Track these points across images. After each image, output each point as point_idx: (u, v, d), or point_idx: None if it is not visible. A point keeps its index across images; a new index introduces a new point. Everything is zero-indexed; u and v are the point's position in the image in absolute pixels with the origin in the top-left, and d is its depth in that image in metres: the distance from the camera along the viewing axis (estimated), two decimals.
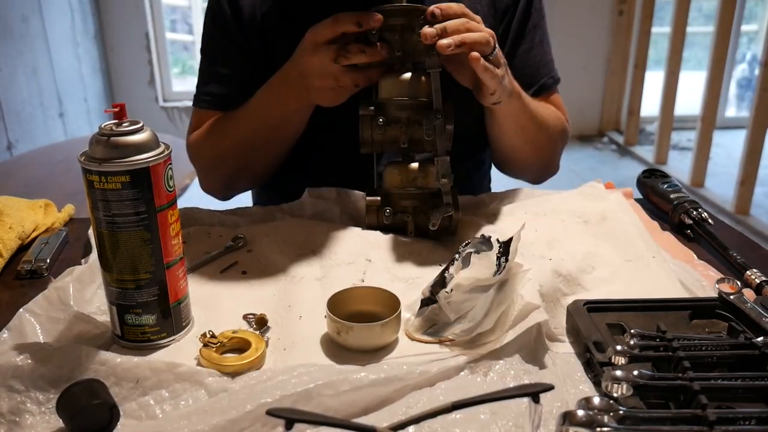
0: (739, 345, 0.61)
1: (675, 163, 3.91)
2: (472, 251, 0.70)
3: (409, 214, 0.88)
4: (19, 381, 0.58)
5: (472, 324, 0.67)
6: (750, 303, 0.67)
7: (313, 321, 0.70)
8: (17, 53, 2.88)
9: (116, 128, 0.61)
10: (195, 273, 0.81)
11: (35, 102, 3.03)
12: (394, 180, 0.87)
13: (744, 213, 3.15)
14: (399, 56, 0.84)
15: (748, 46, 5.05)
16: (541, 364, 0.63)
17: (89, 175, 0.61)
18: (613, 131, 4.51)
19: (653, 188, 1.01)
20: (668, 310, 0.69)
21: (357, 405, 0.56)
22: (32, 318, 0.66)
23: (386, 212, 0.86)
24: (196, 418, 0.52)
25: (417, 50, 0.82)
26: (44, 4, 3.17)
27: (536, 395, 0.49)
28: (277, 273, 0.81)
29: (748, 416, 0.51)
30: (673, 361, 0.58)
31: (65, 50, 3.41)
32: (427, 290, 0.70)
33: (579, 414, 0.48)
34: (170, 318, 0.67)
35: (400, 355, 0.65)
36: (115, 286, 0.64)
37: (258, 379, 0.57)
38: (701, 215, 0.92)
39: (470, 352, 0.64)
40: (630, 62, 4.24)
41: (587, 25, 4.28)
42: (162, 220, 0.63)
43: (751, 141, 3.03)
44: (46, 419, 0.56)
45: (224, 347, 0.64)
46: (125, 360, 0.59)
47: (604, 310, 0.68)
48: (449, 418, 0.54)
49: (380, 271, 0.80)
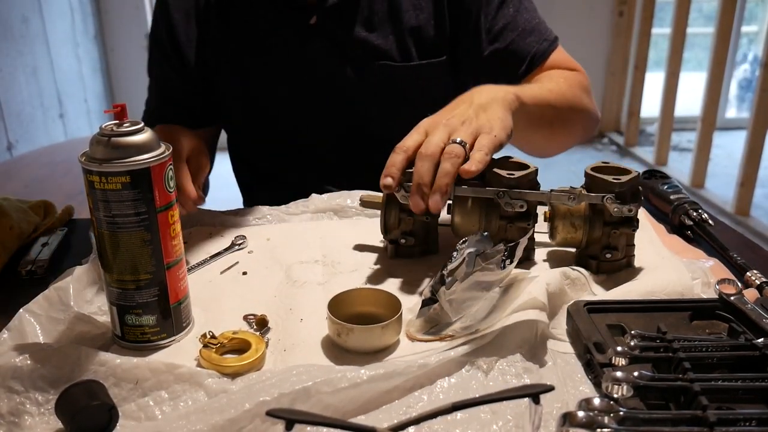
0: (739, 346, 0.61)
1: (675, 164, 3.91)
2: (471, 250, 0.70)
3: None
4: (19, 382, 0.58)
5: (473, 322, 0.67)
6: (750, 304, 0.67)
7: (314, 323, 0.70)
8: (17, 54, 2.88)
9: (117, 129, 0.61)
10: (195, 273, 0.81)
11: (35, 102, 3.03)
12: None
13: (744, 214, 3.15)
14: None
15: (749, 47, 5.05)
16: (541, 363, 0.63)
17: (90, 176, 0.61)
18: (614, 132, 4.51)
19: (653, 189, 1.01)
20: (668, 311, 0.69)
21: (356, 402, 0.56)
22: (32, 318, 0.66)
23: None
24: (195, 418, 0.52)
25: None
26: (44, 5, 3.17)
27: (536, 396, 0.49)
28: (279, 275, 0.81)
29: (748, 417, 0.51)
30: (673, 362, 0.58)
31: (65, 51, 3.41)
32: (428, 290, 0.70)
33: (579, 415, 0.48)
34: (170, 318, 0.67)
35: (400, 356, 0.65)
36: (115, 287, 0.64)
37: (258, 380, 0.57)
38: (701, 216, 0.92)
39: (470, 339, 0.64)
40: (630, 63, 4.25)
41: (587, 25, 4.28)
42: (162, 220, 0.63)
43: (751, 142, 3.03)
44: (45, 420, 0.56)
45: (224, 348, 0.64)
46: (125, 361, 0.59)
47: (604, 311, 0.68)
48: (449, 418, 0.54)
49: (382, 276, 0.80)
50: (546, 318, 0.65)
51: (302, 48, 1.01)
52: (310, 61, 1.02)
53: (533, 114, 0.89)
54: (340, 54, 1.01)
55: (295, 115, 0.95)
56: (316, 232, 0.92)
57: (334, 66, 1.02)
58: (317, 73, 1.02)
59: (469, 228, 0.82)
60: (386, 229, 0.84)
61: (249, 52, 1.03)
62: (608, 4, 4.26)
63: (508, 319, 0.64)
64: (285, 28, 1.01)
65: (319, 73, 1.02)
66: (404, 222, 0.82)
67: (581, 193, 0.77)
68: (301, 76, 1.03)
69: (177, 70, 1.06)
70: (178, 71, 1.06)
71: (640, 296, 0.72)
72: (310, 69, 1.02)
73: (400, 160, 0.75)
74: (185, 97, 1.07)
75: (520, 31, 1.02)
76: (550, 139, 1.00)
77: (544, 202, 0.78)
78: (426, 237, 0.85)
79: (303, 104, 0.96)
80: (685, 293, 0.73)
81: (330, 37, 1.01)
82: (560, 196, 0.77)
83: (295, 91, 1.04)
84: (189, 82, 1.06)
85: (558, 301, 0.71)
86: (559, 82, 0.98)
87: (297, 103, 1.04)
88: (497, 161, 0.82)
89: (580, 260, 0.81)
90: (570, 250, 0.84)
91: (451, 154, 0.73)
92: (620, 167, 0.80)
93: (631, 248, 0.80)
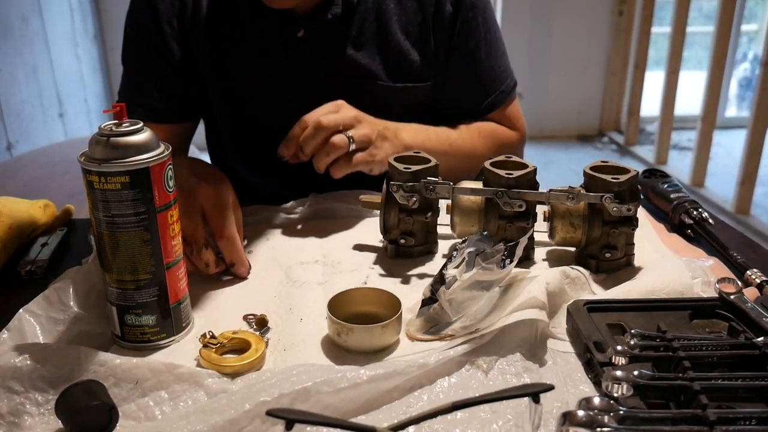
0: (739, 345, 0.61)
1: (675, 163, 3.91)
2: (471, 249, 0.70)
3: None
4: (18, 382, 0.58)
5: (473, 322, 0.67)
6: (750, 303, 0.67)
7: (314, 323, 0.70)
8: (17, 53, 2.88)
9: (116, 129, 0.61)
10: (195, 273, 0.81)
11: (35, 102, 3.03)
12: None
13: (744, 213, 3.15)
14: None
15: (749, 46, 5.05)
16: (541, 362, 0.63)
17: (89, 176, 0.61)
18: (614, 131, 4.51)
19: (653, 188, 1.01)
20: (668, 310, 0.69)
21: (356, 402, 0.56)
22: (32, 318, 0.66)
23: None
24: (195, 418, 0.52)
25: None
26: (44, 4, 3.16)
27: (536, 395, 0.49)
28: (279, 275, 0.81)
29: (748, 416, 0.51)
30: (673, 361, 0.58)
31: (65, 50, 3.41)
32: (428, 290, 0.70)
33: (579, 414, 0.48)
34: (170, 318, 0.67)
35: (400, 355, 0.65)
36: (115, 287, 0.64)
37: (258, 380, 0.57)
38: (701, 215, 0.92)
39: (469, 338, 0.64)
40: (630, 62, 4.24)
41: (587, 25, 4.28)
42: (162, 220, 0.63)
43: (751, 141, 3.03)
44: (45, 420, 0.56)
45: (224, 348, 0.64)
46: (124, 361, 0.59)
47: (604, 310, 0.68)
48: (449, 418, 0.54)
49: (382, 276, 0.80)
50: (546, 317, 0.65)
51: (287, 59, 1.01)
52: (294, 73, 1.02)
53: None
54: (326, 69, 1.02)
55: (275, 123, 0.95)
56: (316, 232, 0.92)
57: (318, 80, 1.02)
58: (299, 83, 1.02)
59: (468, 227, 0.82)
60: (386, 229, 0.84)
61: (234, 55, 1.02)
62: (608, 3, 4.26)
63: (507, 318, 0.64)
64: (272, 37, 1.00)
65: (301, 84, 1.02)
66: (404, 222, 0.82)
67: (580, 193, 0.77)
68: (283, 86, 1.03)
69: (164, 58, 1.03)
70: (166, 60, 1.03)
71: (640, 295, 0.72)
72: (292, 80, 1.02)
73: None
74: (170, 87, 1.04)
75: (484, 77, 1.08)
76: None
77: (543, 201, 0.78)
78: (426, 237, 0.85)
79: (283, 113, 0.95)
80: (685, 292, 0.73)
81: (316, 51, 1.01)
82: (559, 195, 0.77)
83: (275, 99, 1.04)
84: (175, 72, 1.03)
85: (558, 301, 0.71)
86: (473, 137, 1.06)
87: (276, 112, 1.03)
88: (497, 161, 0.82)
89: (579, 259, 0.81)
90: (570, 249, 0.84)
91: (337, 144, 0.88)
92: (619, 166, 0.80)
93: (631, 247, 0.80)
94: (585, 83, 4.44)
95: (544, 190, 0.78)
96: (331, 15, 0.99)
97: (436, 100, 1.09)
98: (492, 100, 1.09)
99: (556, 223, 0.80)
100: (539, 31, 4.21)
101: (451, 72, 1.06)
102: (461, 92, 1.08)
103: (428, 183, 0.79)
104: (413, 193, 0.79)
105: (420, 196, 0.79)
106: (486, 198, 0.80)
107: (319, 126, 0.88)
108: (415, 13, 1.03)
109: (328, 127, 0.88)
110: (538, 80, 4.32)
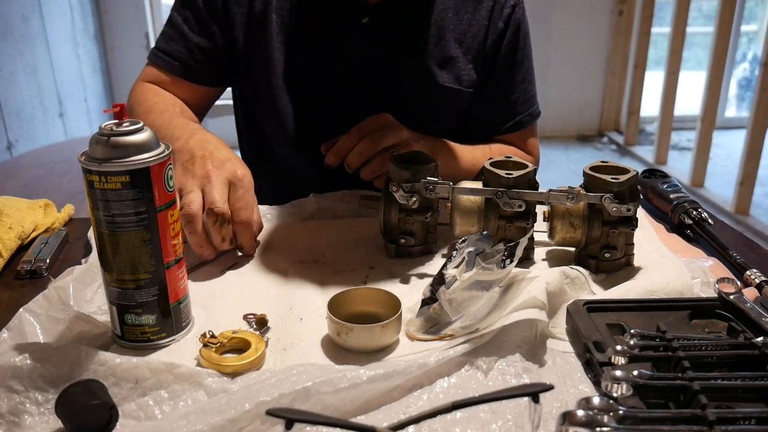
0: (738, 345, 0.61)
1: (675, 163, 3.92)
2: (471, 249, 0.70)
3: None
4: (18, 381, 0.58)
5: (473, 322, 0.67)
6: (750, 303, 0.67)
7: (314, 322, 0.70)
8: (17, 53, 2.88)
9: (116, 128, 0.61)
10: (195, 273, 0.81)
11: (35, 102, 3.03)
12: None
13: (744, 213, 3.15)
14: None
15: (748, 46, 5.05)
16: (541, 362, 0.63)
17: (89, 175, 0.61)
18: (613, 131, 4.51)
19: (653, 188, 1.01)
20: (668, 310, 0.69)
21: (356, 402, 0.56)
22: (32, 318, 0.66)
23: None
24: (195, 418, 0.52)
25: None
26: (44, 4, 3.16)
27: (536, 395, 0.49)
28: (279, 274, 0.81)
29: (747, 416, 0.51)
30: (672, 361, 0.58)
31: (65, 50, 3.41)
32: (428, 290, 0.70)
33: (579, 414, 0.48)
34: (170, 318, 0.67)
35: (400, 355, 0.65)
36: (115, 286, 0.64)
37: (258, 380, 0.57)
38: (701, 215, 0.92)
39: (469, 338, 0.64)
40: (630, 62, 4.25)
41: (587, 25, 4.28)
42: (162, 220, 0.63)
43: (751, 141, 3.03)
44: (45, 419, 0.56)
45: (224, 347, 0.64)
46: (124, 360, 0.59)
47: (603, 310, 0.68)
48: (449, 417, 0.54)
49: (382, 276, 0.80)
50: (545, 317, 0.66)
51: (349, 44, 1.03)
52: (351, 58, 1.03)
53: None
54: (381, 60, 1.04)
55: (318, 107, 0.98)
56: (316, 232, 0.92)
57: (373, 69, 1.04)
58: (357, 67, 1.04)
59: (468, 227, 0.82)
60: (386, 229, 0.84)
61: (292, 33, 1.04)
62: (608, 3, 4.27)
63: (507, 318, 0.64)
64: (335, 20, 1.03)
65: (355, 72, 1.04)
66: (404, 222, 0.82)
67: (580, 193, 0.77)
68: (337, 70, 1.05)
69: (216, 20, 1.04)
70: (217, 22, 1.04)
71: (639, 295, 0.72)
72: (349, 65, 1.04)
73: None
74: (209, 48, 1.05)
75: (517, 97, 1.12)
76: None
77: (543, 201, 0.78)
78: (426, 237, 0.85)
79: (330, 98, 0.99)
80: (684, 292, 0.73)
81: (377, 41, 1.03)
82: (559, 195, 0.77)
83: (325, 82, 1.05)
84: (218, 37, 1.04)
85: (557, 301, 0.71)
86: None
87: (324, 95, 1.05)
88: (497, 161, 0.82)
89: (579, 259, 0.81)
90: (569, 249, 0.84)
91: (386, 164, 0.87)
92: (619, 166, 0.80)
93: (630, 247, 0.80)
94: (585, 83, 4.45)
95: (543, 190, 0.78)
96: (396, 10, 1.02)
97: (467, 111, 1.11)
98: (518, 120, 1.12)
99: (556, 223, 0.80)
100: (539, 31, 4.21)
101: (489, 86, 1.09)
102: (492, 107, 1.11)
103: (428, 183, 0.79)
104: (413, 193, 0.79)
105: (420, 196, 0.80)
106: (486, 198, 0.80)
107: (370, 146, 0.91)
108: (469, 25, 1.06)
109: (377, 147, 0.91)
110: (537, 80, 4.30)
